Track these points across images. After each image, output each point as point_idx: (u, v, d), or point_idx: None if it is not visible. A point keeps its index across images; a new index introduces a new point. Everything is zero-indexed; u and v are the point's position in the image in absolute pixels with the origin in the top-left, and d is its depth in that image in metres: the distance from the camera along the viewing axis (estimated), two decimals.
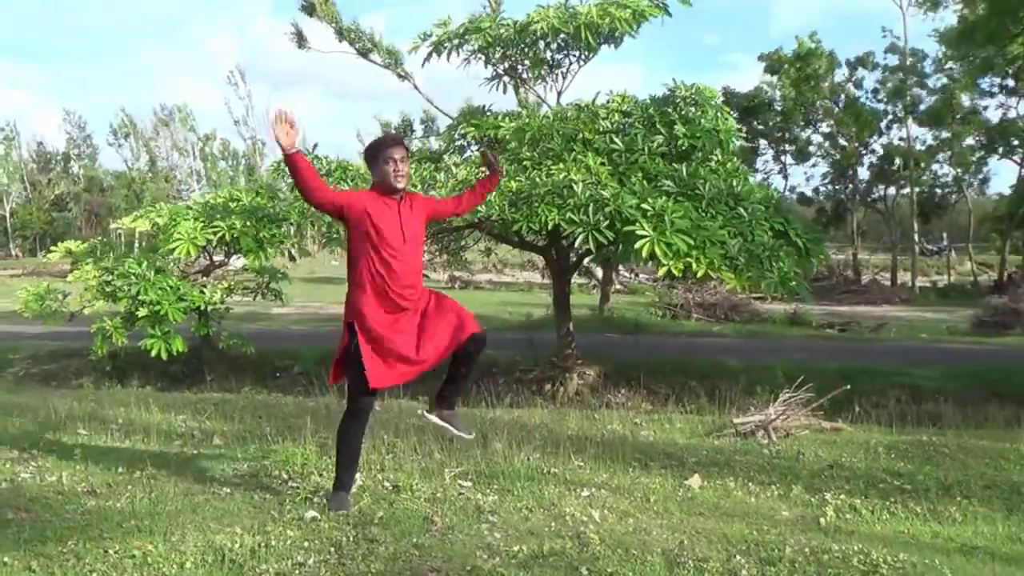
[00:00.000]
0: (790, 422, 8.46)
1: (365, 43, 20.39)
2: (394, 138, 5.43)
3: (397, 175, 5.07)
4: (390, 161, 5.06)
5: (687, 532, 5.03)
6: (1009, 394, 12.77)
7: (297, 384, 13.58)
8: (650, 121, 12.15)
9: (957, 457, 7.24)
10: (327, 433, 7.59)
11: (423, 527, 4.93)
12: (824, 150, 42.48)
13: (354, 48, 20.27)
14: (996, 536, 5.30)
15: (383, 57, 20.17)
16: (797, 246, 11.51)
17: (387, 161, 5.06)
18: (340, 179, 12.34)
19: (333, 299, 29.48)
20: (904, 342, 20.36)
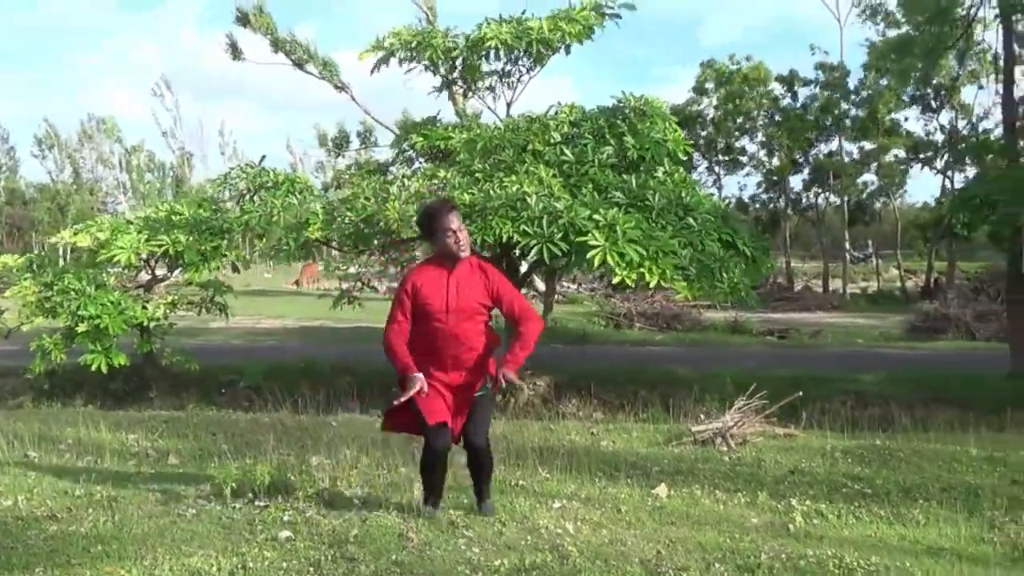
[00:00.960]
0: (746, 429, 8.57)
1: (301, 54, 20.26)
2: (448, 206, 5.25)
3: (459, 245, 5.03)
4: (449, 232, 5.01)
5: (662, 541, 5.05)
6: (949, 398, 13.11)
7: (244, 399, 13.37)
8: (599, 132, 12.22)
9: (912, 461, 7.41)
10: (288, 449, 7.51)
11: (400, 544, 4.87)
12: (757, 160, 43.30)
13: (290, 59, 20.13)
14: (960, 537, 5.41)
15: (319, 68, 20.07)
16: (745, 255, 11.67)
17: (447, 233, 5.02)
18: (288, 191, 12.22)
19: (270, 312, 29.16)
20: (842, 348, 20.80)
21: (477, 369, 5.13)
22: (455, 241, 5.01)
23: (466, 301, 5.03)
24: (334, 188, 13.94)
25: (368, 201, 11.10)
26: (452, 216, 5.07)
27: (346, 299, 14.42)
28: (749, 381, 11.20)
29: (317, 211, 11.66)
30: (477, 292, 5.07)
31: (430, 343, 5.06)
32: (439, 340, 5.03)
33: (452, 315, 5.00)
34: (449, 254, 5.06)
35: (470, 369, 5.10)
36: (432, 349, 5.06)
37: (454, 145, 12.53)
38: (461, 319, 5.02)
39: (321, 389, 12.20)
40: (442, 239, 5.05)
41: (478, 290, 5.07)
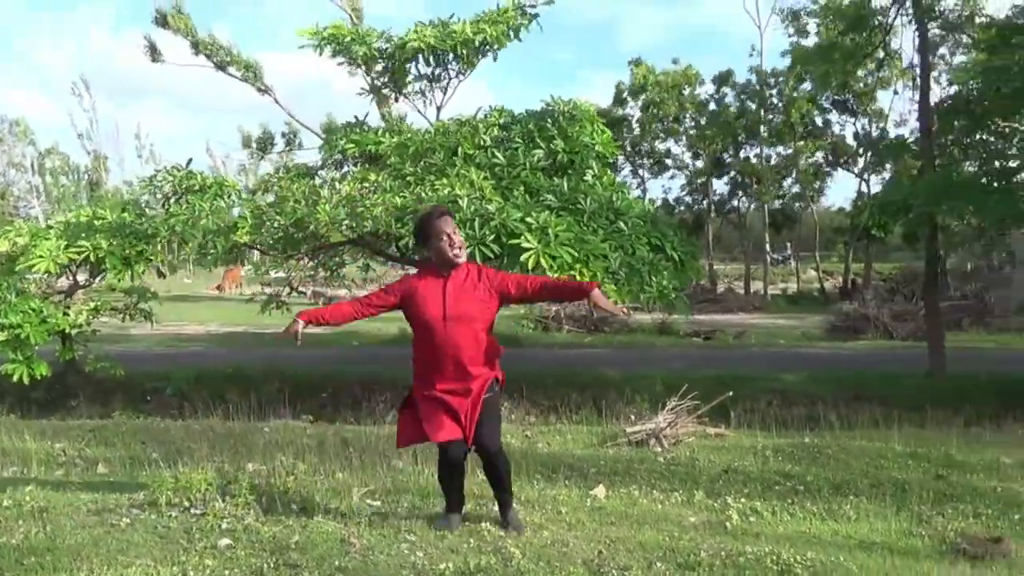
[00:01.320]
0: (679, 429, 8.71)
1: (223, 56, 19.99)
2: (441, 211, 5.19)
3: (454, 248, 4.99)
4: (443, 236, 4.97)
5: (603, 542, 5.10)
6: (871, 396, 13.47)
7: (170, 407, 13.13)
8: (530, 136, 12.28)
9: (840, 458, 7.60)
10: (222, 457, 7.41)
11: (342, 549, 4.84)
12: (680, 163, 43.97)
13: (211, 61, 19.85)
14: (890, 531, 5.58)
15: (241, 71, 19.83)
16: (673, 259, 11.82)
17: (440, 237, 4.98)
18: (216, 195, 12.04)
19: (192, 318, 28.66)
20: (766, 348, 21.19)
21: (481, 375, 5.04)
22: (450, 245, 4.97)
23: (465, 307, 4.96)
24: (262, 192, 13.74)
25: (298, 204, 10.99)
26: (445, 220, 5.04)
27: (274, 304, 14.22)
28: (678, 382, 11.38)
29: (245, 215, 11.52)
30: (477, 296, 5.00)
31: (431, 352, 4.99)
32: (439, 348, 4.95)
33: (450, 323, 4.92)
34: (445, 260, 5.01)
35: (474, 376, 5.00)
36: (434, 359, 4.99)
37: (384, 149, 12.48)
38: (459, 326, 4.93)
39: (250, 395, 12.04)
40: (436, 244, 5.00)
41: (478, 294, 5.00)
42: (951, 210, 12.58)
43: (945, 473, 7.00)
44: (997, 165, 13.17)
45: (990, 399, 13.00)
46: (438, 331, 4.93)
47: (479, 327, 5.02)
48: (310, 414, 10.92)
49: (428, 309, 4.95)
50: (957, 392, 13.70)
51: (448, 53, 13.35)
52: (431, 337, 4.96)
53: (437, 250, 5.02)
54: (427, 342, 4.99)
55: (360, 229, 10.72)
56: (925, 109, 15.83)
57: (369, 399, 13.64)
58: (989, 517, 5.86)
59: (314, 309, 5.31)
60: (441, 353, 4.95)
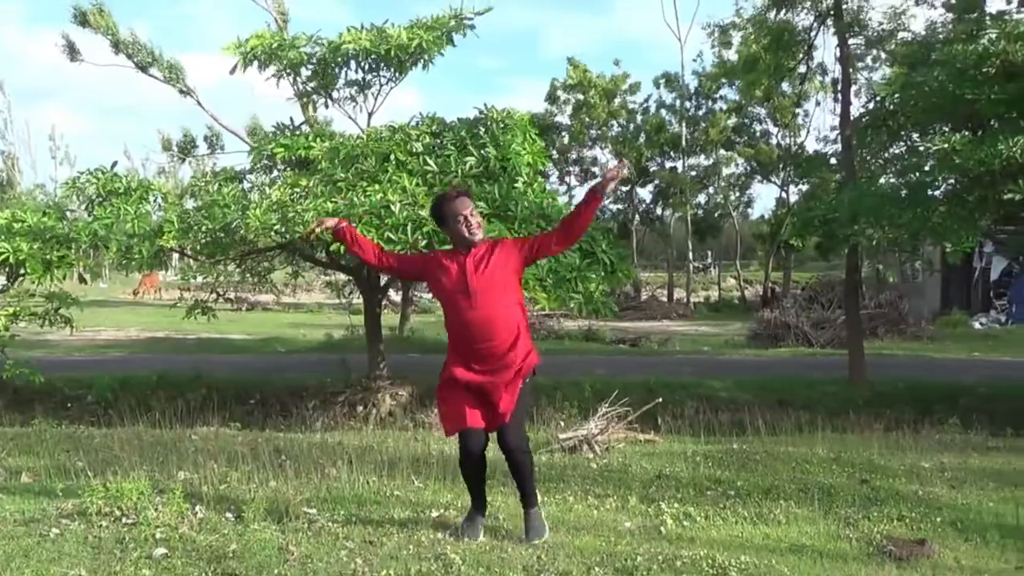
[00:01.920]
0: (610, 436, 8.82)
1: (144, 57, 19.62)
2: (456, 192, 5.22)
3: (471, 229, 5.00)
4: (460, 217, 4.99)
5: (541, 547, 5.14)
6: (794, 402, 13.78)
7: (92, 414, 12.84)
8: (462, 143, 12.32)
9: (768, 463, 7.76)
10: (151, 465, 7.28)
11: (280, 558, 4.81)
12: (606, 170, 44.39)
13: (132, 62, 19.47)
14: (819, 535, 5.72)
15: (164, 72, 19.49)
16: (604, 263, 11.96)
17: (456, 219, 5.00)
18: (141, 198, 11.84)
19: (111, 323, 28.07)
20: (690, 355, 21.51)
21: (514, 358, 5.03)
22: (466, 226, 4.99)
23: (490, 277, 4.95)
24: (188, 196, 13.53)
25: (228, 209, 10.86)
26: (461, 201, 5.06)
27: (200, 309, 14.03)
28: (605, 388, 11.56)
29: (172, 219, 11.34)
30: (500, 264, 4.99)
31: (460, 329, 5.03)
32: (467, 325, 4.97)
33: (479, 297, 4.92)
34: (462, 239, 5.03)
35: (505, 356, 5.01)
36: (463, 336, 5.02)
37: (315, 154, 12.40)
38: (489, 299, 4.93)
39: (176, 402, 11.84)
40: (453, 226, 5.04)
41: (500, 262, 5.00)
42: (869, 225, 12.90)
43: (869, 478, 7.19)
44: (914, 178, 13.57)
45: (908, 405, 13.39)
46: (464, 306, 4.95)
47: (508, 300, 5.03)
48: (238, 421, 10.76)
49: (451, 284, 4.98)
50: (877, 398, 14.10)
51: (380, 59, 13.30)
52: (458, 313, 4.99)
53: (454, 232, 5.06)
54: (454, 319, 5.04)
55: (291, 235, 10.66)
56: (846, 122, 16.27)
57: (298, 406, 13.52)
58: (912, 520, 6.05)
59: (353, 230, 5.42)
60: (469, 330, 4.98)
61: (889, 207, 12.42)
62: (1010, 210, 12.67)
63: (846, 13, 16.11)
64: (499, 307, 4.97)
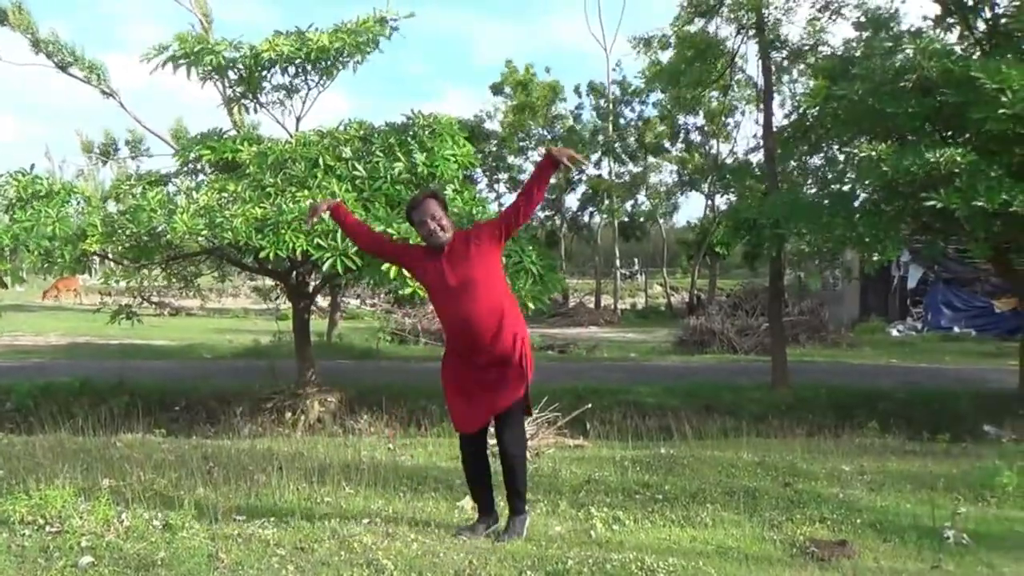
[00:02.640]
0: (540, 441, 8.90)
1: (65, 56, 19.26)
2: (424, 195, 5.27)
3: (435, 234, 5.06)
4: (424, 223, 5.07)
5: (473, 552, 5.18)
6: (720, 407, 14.04)
7: (11, 421, 12.49)
8: (391, 149, 12.30)
9: (694, 467, 7.91)
10: (74, 473, 7.14)
11: (210, 565, 4.77)
12: None
13: (52, 61, 19.10)
14: (744, 537, 5.87)
15: (84, 72, 19.15)
16: (532, 273, 12.01)
17: (421, 224, 5.10)
18: (64, 201, 11.62)
19: (29, 328, 27.39)
20: (618, 361, 21.72)
21: (504, 343, 5.10)
22: (431, 229, 5.06)
23: (468, 273, 5.02)
24: (113, 199, 13.29)
25: (154, 214, 10.71)
26: (426, 204, 5.13)
27: (124, 314, 13.77)
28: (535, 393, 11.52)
29: (96, 223, 11.14)
30: (477, 257, 5.04)
31: (449, 323, 5.18)
32: (457, 322, 5.10)
33: (460, 294, 5.02)
34: (431, 243, 5.13)
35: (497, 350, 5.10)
36: (453, 331, 5.18)
37: (243, 158, 12.27)
38: (471, 295, 5.01)
39: (100, 409, 11.61)
40: (420, 230, 5.16)
41: (477, 254, 5.05)
42: (801, 231, 13.20)
43: (792, 481, 7.38)
44: (835, 188, 13.94)
45: (829, 410, 13.71)
46: (448, 304, 5.12)
47: (490, 293, 5.08)
48: (164, 428, 10.60)
49: (432, 282, 5.14)
50: (799, 404, 14.41)
51: (306, 62, 13.20)
52: (443, 310, 5.20)
53: (423, 236, 5.16)
54: (441, 315, 5.26)
55: (220, 240, 10.55)
56: (768, 133, 16.64)
57: (225, 412, 13.34)
58: (834, 522, 6.23)
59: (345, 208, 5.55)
60: (458, 322, 5.10)
61: (818, 215, 12.75)
62: (927, 220, 13.09)
63: (767, 27, 16.49)
64: (482, 302, 5.05)
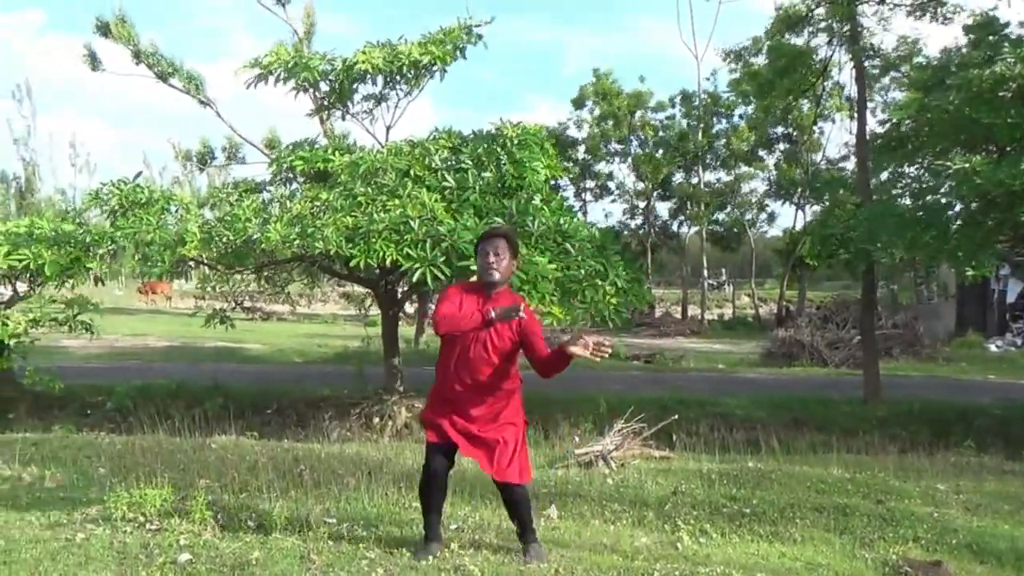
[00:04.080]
0: (625, 452, 8.87)
1: (165, 67, 19.79)
2: (493, 232, 5.35)
3: (489, 268, 5.08)
4: (484, 254, 5.12)
5: (559, 561, 5.19)
6: (809, 421, 13.79)
7: (111, 421, 12.92)
8: (479, 159, 12.40)
9: (783, 482, 7.80)
10: (172, 473, 7.37)
11: (302, 566, 4.87)
12: (623, 188, 44.53)
13: (152, 72, 19.63)
14: (835, 554, 5.77)
15: (183, 82, 19.65)
16: (616, 286, 11.97)
17: (483, 254, 5.14)
18: (163, 209, 12.00)
19: (126, 330, 28.22)
20: (705, 372, 21.50)
21: (499, 408, 5.15)
22: (485, 263, 5.10)
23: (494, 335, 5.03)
24: (209, 206, 13.67)
25: (249, 222, 10.98)
26: (490, 242, 5.16)
27: (219, 318, 14.15)
28: (620, 404, 11.56)
29: (194, 230, 11.45)
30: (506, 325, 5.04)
31: (455, 368, 5.10)
32: (464, 364, 5.06)
33: (479, 344, 5.03)
34: (480, 275, 5.18)
35: (491, 405, 5.12)
36: (456, 376, 5.10)
37: (335, 168, 12.50)
38: (487, 346, 5.03)
39: (194, 411, 11.92)
40: (479, 259, 5.19)
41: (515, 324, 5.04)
42: (887, 245, 12.90)
43: (884, 499, 7.23)
44: (930, 200, 13.60)
45: (923, 427, 13.38)
46: (469, 344, 5.04)
47: (503, 357, 5.08)
48: (255, 431, 10.85)
49: (465, 311, 5.02)
50: (892, 419, 14.08)
51: (394, 74, 13.45)
52: (461, 350, 5.07)
53: (480, 267, 5.18)
54: (455, 357, 5.10)
55: (311, 249, 10.75)
56: (862, 143, 16.30)
57: (315, 416, 13.60)
58: (928, 542, 6.09)
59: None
60: (466, 370, 5.06)
61: (908, 229, 12.44)
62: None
63: (861, 36, 16.18)
64: (495, 356, 5.05)
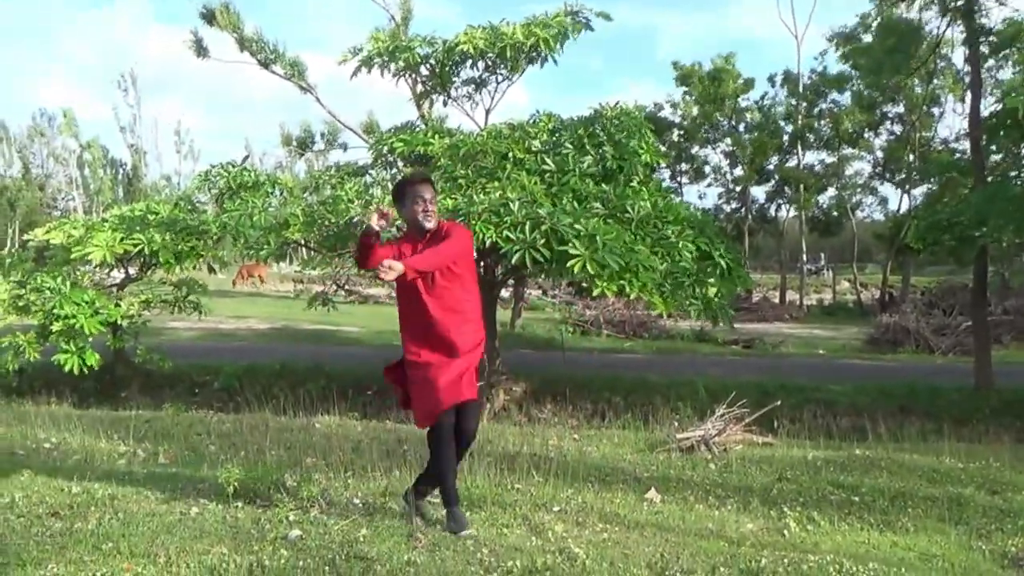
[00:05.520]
0: (727, 437, 8.73)
1: (268, 54, 20.17)
2: (422, 176, 5.30)
3: (426, 214, 5.05)
4: (419, 200, 5.06)
5: (664, 545, 5.15)
6: (916, 409, 13.38)
7: (218, 400, 13.31)
8: (579, 142, 12.34)
9: (892, 470, 7.58)
10: (279, 451, 7.54)
11: (408, 545, 4.92)
12: (719, 171, 43.88)
13: (255, 59, 20.04)
14: (950, 545, 5.57)
15: (286, 69, 20.00)
16: (720, 267, 11.82)
17: (416, 200, 5.07)
18: (268, 192, 12.25)
19: (229, 312, 28.92)
20: (805, 358, 21.09)
21: (467, 347, 5.11)
22: (423, 210, 5.05)
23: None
24: (312, 190, 13.91)
25: (351, 204, 11.13)
26: (425, 186, 5.12)
27: (321, 300, 14.43)
28: (719, 389, 11.42)
29: (297, 213, 11.67)
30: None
31: (419, 319, 5.06)
32: (427, 311, 5.02)
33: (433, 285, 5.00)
34: (416, 224, 5.10)
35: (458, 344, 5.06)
36: (422, 324, 5.06)
37: (435, 151, 12.59)
38: (441, 285, 5.01)
39: (298, 391, 12.18)
40: (410, 207, 5.09)
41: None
42: (994, 228, 12.42)
43: (1000, 489, 6.98)
44: None
45: None
46: (424, 293, 5.00)
47: (459, 283, 5.08)
48: (357, 412, 11.04)
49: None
50: (1005, 408, 13.57)
51: (497, 57, 13.45)
52: (420, 301, 5.01)
53: (410, 213, 5.10)
54: (417, 309, 5.04)
55: None
56: (975, 123, 15.70)
57: None
58: None
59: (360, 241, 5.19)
60: (431, 317, 5.02)
61: (1020, 210, 11.97)
62: None
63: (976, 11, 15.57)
64: (451, 290, 5.04)
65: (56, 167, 65.94)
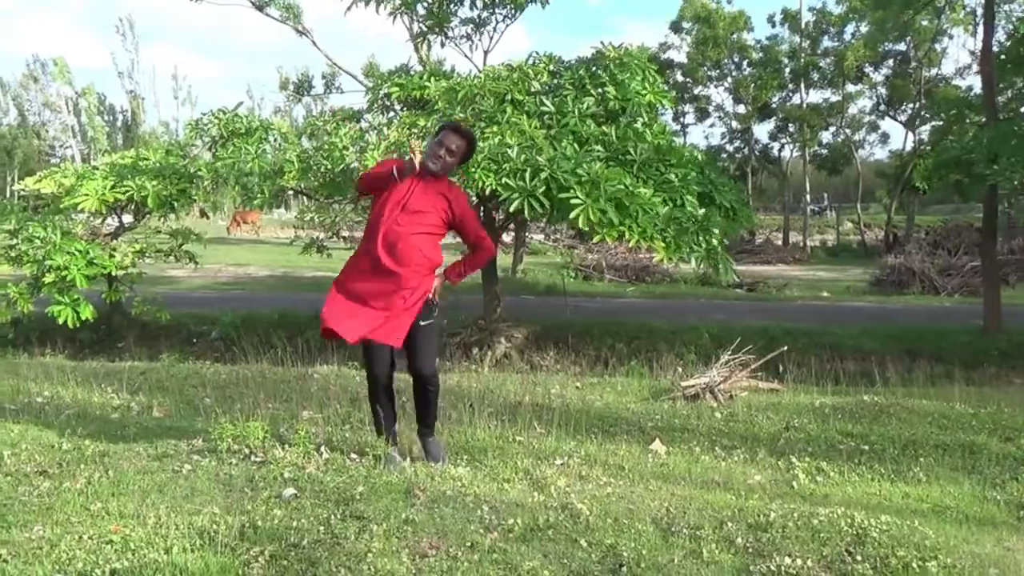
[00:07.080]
0: (733, 384, 8.57)
1: None
2: (463, 131, 5.27)
3: (437, 158, 5.06)
4: (442, 144, 5.10)
5: (670, 499, 5.00)
6: (924, 352, 13.16)
7: (216, 350, 13.16)
8: (580, 83, 12.03)
9: (903, 417, 7.43)
10: (275, 403, 7.38)
11: (407, 501, 4.77)
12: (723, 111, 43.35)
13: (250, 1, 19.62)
14: (963, 496, 5.44)
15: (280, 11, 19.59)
16: (724, 208, 11.60)
17: (440, 143, 5.12)
18: (262, 138, 11.98)
19: (229, 260, 28.77)
20: (810, 301, 20.90)
21: (412, 286, 5.09)
22: (435, 154, 5.07)
23: (419, 205, 5.04)
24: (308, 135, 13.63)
25: (347, 151, 10.88)
26: (455, 137, 5.14)
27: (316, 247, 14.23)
28: (723, 334, 11.25)
29: (292, 160, 11.42)
30: (434, 206, 5.08)
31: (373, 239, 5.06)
32: (382, 240, 5.01)
33: (403, 215, 5.01)
34: (425, 159, 5.07)
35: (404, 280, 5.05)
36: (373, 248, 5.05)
37: (431, 94, 12.27)
38: (408, 224, 5.01)
39: (297, 340, 11.99)
40: (432, 143, 5.15)
41: (436, 205, 5.09)
42: (1006, 167, 12.15)
43: (1013, 435, 6.81)
44: None
45: None
46: (391, 220, 5.01)
47: (425, 236, 5.09)
48: (356, 360, 10.86)
49: (393, 197, 5.03)
50: (1015, 350, 13.31)
51: None
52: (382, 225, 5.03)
53: (429, 147, 5.14)
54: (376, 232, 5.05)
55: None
56: (986, 59, 15.28)
57: None
58: None
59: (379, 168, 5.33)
60: (384, 246, 5.02)
61: None
62: None
63: None
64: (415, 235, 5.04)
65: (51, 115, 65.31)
